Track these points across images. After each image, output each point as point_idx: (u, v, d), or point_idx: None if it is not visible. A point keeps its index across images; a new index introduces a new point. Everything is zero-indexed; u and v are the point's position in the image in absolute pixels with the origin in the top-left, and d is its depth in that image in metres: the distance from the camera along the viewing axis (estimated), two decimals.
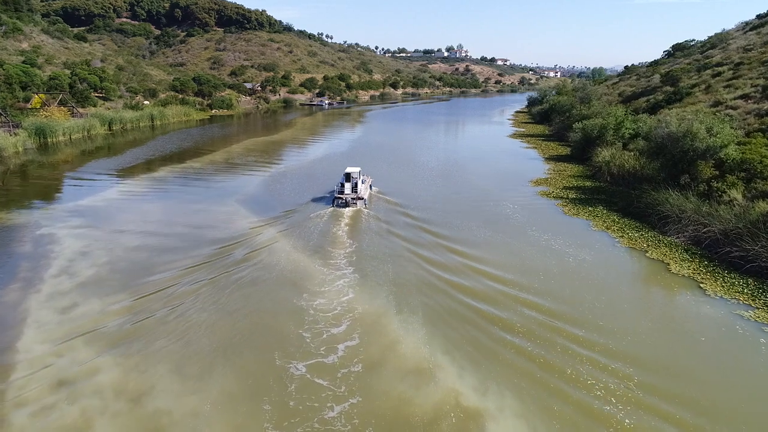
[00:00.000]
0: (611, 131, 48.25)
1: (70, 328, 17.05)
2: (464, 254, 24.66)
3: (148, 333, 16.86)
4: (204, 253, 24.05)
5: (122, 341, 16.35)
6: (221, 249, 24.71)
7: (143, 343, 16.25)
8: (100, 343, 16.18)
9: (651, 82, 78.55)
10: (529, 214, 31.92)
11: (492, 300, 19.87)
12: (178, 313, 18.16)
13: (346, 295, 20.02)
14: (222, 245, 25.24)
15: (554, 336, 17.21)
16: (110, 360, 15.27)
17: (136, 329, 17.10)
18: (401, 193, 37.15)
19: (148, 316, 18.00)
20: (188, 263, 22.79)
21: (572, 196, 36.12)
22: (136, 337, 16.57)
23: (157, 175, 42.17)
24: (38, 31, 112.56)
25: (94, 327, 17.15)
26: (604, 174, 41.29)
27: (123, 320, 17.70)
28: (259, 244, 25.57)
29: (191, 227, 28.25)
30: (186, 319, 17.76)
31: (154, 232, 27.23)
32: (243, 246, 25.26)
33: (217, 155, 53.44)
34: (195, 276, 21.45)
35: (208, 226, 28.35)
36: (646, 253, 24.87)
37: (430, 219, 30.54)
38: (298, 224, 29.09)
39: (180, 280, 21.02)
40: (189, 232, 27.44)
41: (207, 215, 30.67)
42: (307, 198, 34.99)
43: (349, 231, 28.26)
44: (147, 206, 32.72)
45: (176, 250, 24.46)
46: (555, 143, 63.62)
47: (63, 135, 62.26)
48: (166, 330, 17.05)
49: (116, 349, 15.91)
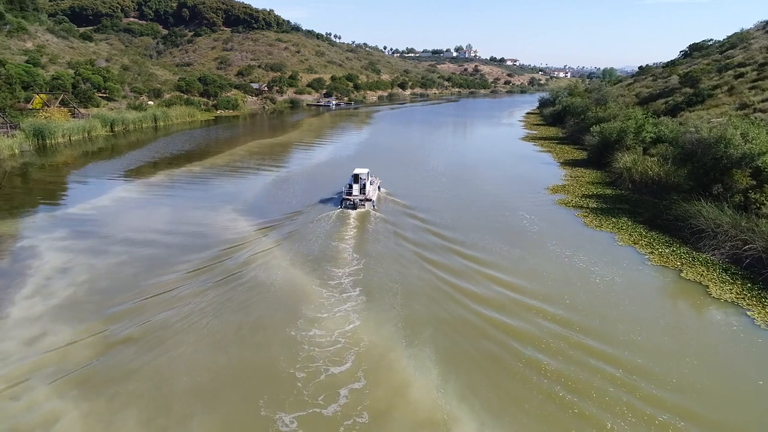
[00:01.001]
0: (631, 135, 45.70)
1: (34, 363, 15.00)
2: (481, 273, 22.37)
3: (119, 370, 14.77)
4: (194, 270, 21.97)
5: (89, 380, 14.26)
6: (212, 265, 22.61)
7: (113, 383, 14.14)
8: (63, 383, 14.09)
9: (669, 83, 75.67)
10: (547, 225, 29.56)
11: (513, 331, 17.59)
12: (155, 346, 16.04)
13: (351, 322, 17.82)
14: (214, 261, 23.13)
15: (589, 376, 14.89)
16: (71, 405, 13.17)
17: (106, 365, 15.01)
18: (410, 198, 34.92)
19: (123, 347, 15.92)
20: (175, 282, 20.72)
21: (593, 205, 33.68)
22: (105, 376, 14.47)
23: (153, 180, 40.23)
24: (43, 30, 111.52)
25: (60, 362, 15.08)
26: (626, 181, 38.79)
27: (93, 353, 15.62)
28: (252, 259, 23.44)
29: (183, 237, 26.20)
30: (164, 353, 15.63)
31: (143, 243, 25.23)
32: (235, 259, 23.14)
33: (219, 158, 51.51)
34: (180, 296, 19.37)
35: (203, 237, 26.29)
36: (681, 272, 22.45)
37: (442, 229, 28.26)
38: (299, 234, 26.93)
39: (164, 303, 18.95)
40: (180, 242, 25.39)
41: (202, 225, 28.60)
42: (309, 202, 32.82)
43: (356, 241, 26.07)
44: (137, 215, 30.73)
45: (164, 265, 22.41)
46: (570, 147, 61.05)
47: (62, 136, 60.66)
48: (141, 366, 14.94)
49: (81, 390, 13.83)
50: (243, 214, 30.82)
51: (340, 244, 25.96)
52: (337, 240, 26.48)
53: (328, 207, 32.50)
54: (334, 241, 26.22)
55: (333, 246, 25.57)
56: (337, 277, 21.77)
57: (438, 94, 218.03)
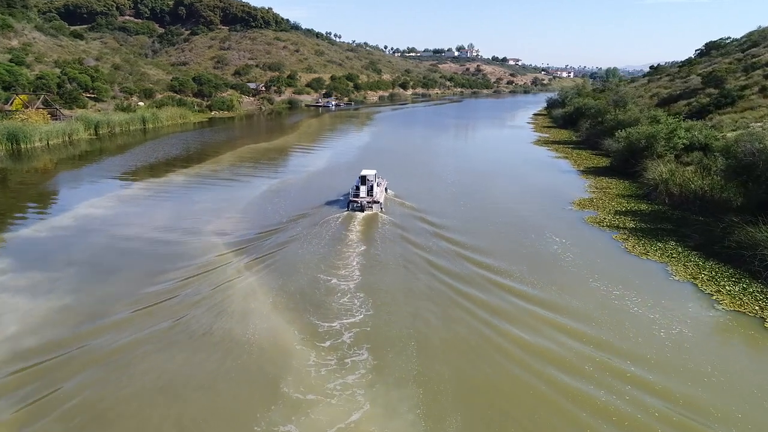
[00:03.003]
0: (662, 141, 41.13)
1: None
2: (516, 315, 17.84)
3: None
4: (142, 308, 17.46)
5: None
6: (163, 302, 18.09)
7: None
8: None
9: (690, 84, 71.09)
10: (582, 252, 24.98)
11: (570, 416, 13.03)
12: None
13: (360, 408, 13.25)
14: (175, 300, 18.62)
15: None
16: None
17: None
18: (421, 213, 30.40)
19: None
20: (113, 328, 16.20)
21: (630, 225, 29.08)
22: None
23: (125, 194, 35.52)
24: (31, 28, 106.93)
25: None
26: (662, 195, 34.19)
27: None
28: (212, 299, 18.91)
29: (144, 264, 21.68)
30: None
31: (96, 276, 20.71)
32: (202, 305, 18.61)
33: (206, 166, 46.96)
34: (113, 348, 14.85)
35: (165, 262, 21.76)
36: (765, 322, 17.91)
37: (462, 256, 23.75)
38: (285, 266, 22.40)
39: (88, 360, 14.43)
40: (135, 278, 20.85)
41: (171, 253, 24.04)
42: (302, 222, 28.28)
43: (361, 275, 21.53)
44: (99, 238, 26.14)
45: (104, 315, 17.87)
46: (587, 152, 56.42)
47: (39, 141, 56.13)
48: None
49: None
50: (221, 236, 26.25)
51: (340, 283, 21.38)
52: (334, 271, 21.92)
53: (324, 231, 28.00)
54: (329, 276, 21.67)
55: (328, 284, 21.01)
56: (333, 333, 17.21)
57: (440, 94, 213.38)
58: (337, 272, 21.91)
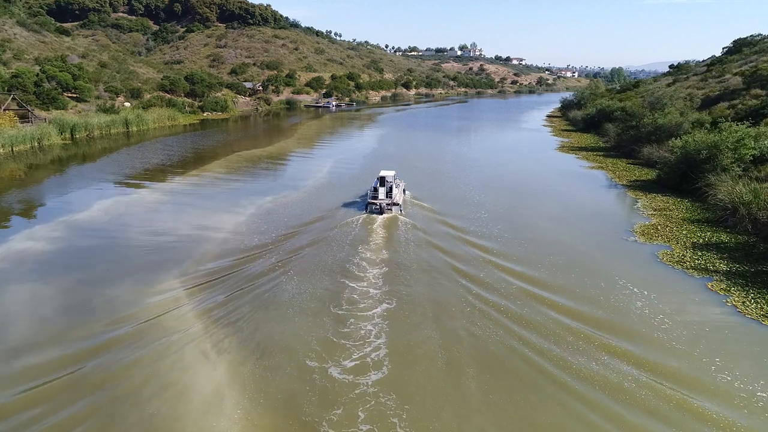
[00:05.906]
0: (728, 153, 34.54)
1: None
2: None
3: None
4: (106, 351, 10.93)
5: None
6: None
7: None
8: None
9: (728, 84, 64.49)
10: (673, 312, 18.33)
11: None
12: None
13: None
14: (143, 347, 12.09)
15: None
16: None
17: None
18: (444, 253, 23.82)
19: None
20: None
21: (722, 266, 22.40)
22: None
23: (80, 219, 28.95)
24: (12, 23, 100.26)
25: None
26: (743, 221, 27.65)
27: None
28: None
29: (96, 318, 15.15)
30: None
31: (37, 322, 14.19)
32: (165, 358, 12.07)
33: (187, 178, 40.33)
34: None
35: (124, 310, 15.22)
36: None
37: (506, 301, 17.17)
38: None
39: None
40: (88, 320, 14.32)
41: (123, 295, 17.49)
42: (299, 262, 21.72)
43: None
44: (19, 293, 19.61)
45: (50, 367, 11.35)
46: (623, 161, 49.68)
47: (2, 147, 49.57)
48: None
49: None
50: (183, 283, 19.66)
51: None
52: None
53: (325, 284, 21.43)
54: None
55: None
56: None
57: (444, 94, 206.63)
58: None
